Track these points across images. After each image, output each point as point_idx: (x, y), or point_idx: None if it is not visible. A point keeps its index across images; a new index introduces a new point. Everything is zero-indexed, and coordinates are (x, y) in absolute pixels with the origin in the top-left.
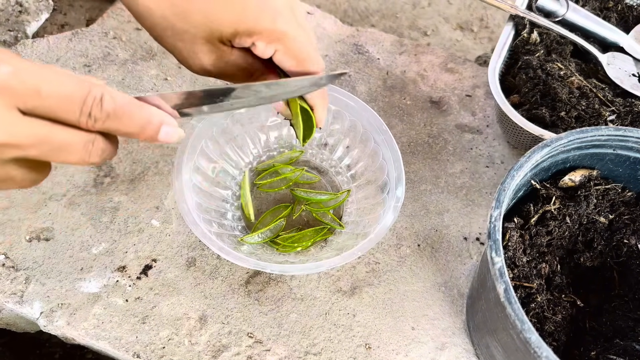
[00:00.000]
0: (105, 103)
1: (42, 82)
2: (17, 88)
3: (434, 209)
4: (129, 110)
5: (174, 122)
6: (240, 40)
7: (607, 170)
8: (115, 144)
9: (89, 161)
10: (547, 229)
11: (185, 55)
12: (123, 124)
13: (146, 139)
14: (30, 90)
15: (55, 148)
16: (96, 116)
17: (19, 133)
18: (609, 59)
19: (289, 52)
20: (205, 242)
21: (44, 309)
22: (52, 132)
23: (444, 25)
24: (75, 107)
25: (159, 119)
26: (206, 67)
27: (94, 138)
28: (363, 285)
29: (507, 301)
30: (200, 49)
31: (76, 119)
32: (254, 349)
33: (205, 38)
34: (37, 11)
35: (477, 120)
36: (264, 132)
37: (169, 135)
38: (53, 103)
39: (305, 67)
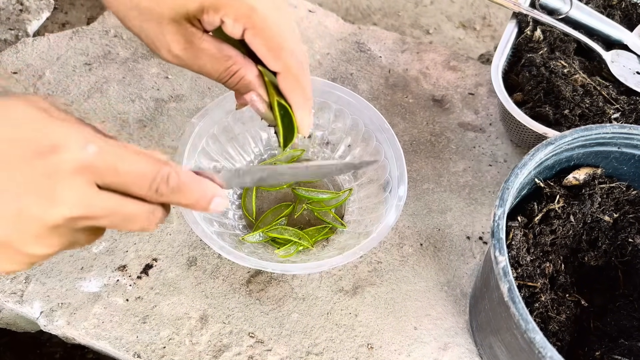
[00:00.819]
0: (171, 180)
1: (120, 161)
2: (100, 167)
3: (437, 207)
4: (189, 185)
5: (225, 194)
6: (208, 17)
7: (612, 168)
8: (168, 210)
9: (147, 229)
10: (551, 228)
11: (153, 38)
12: (183, 197)
13: (198, 210)
14: (110, 168)
15: (123, 219)
16: (162, 192)
17: (95, 206)
18: (613, 57)
19: (259, 33)
20: (206, 241)
21: (44, 308)
22: (123, 205)
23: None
24: (146, 183)
25: (212, 192)
26: (175, 52)
27: (154, 208)
28: (365, 284)
29: (511, 301)
30: (168, 29)
31: (145, 193)
32: (255, 348)
33: (172, 18)
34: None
35: (480, 118)
36: (265, 131)
37: (219, 206)
38: (128, 180)
39: (277, 53)
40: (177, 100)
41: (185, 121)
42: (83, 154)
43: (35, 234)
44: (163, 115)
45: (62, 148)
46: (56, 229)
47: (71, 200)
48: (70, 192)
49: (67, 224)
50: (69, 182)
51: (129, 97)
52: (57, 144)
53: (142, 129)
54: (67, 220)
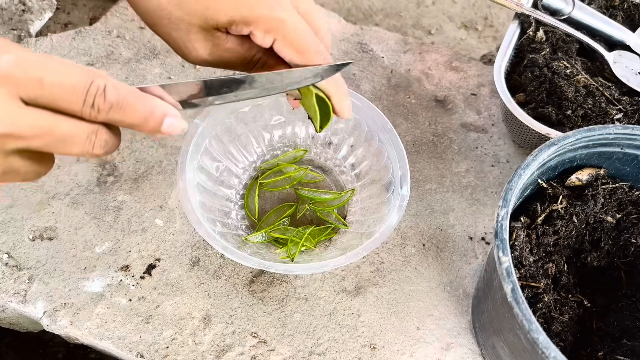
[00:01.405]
0: (109, 93)
1: (44, 72)
2: (19, 77)
3: (439, 208)
4: (132, 101)
5: (177, 114)
6: (237, 28)
7: (615, 169)
8: (118, 136)
9: (92, 152)
10: (553, 229)
11: (181, 44)
12: (126, 115)
13: (149, 131)
14: (33, 79)
15: (58, 139)
16: (99, 107)
17: (21, 123)
18: (616, 58)
19: (287, 42)
20: (209, 241)
21: (47, 308)
22: (55, 123)
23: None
24: (78, 97)
25: (162, 110)
26: (203, 56)
27: (97, 129)
28: (368, 285)
29: (514, 301)
30: (196, 37)
31: (79, 109)
32: (258, 348)
33: (201, 26)
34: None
35: (483, 119)
36: (267, 131)
37: (173, 127)
38: (55, 93)
39: (306, 58)
40: None
41: (187, 121)
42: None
43: None
44: None
45: None
46: None
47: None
48: None
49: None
50: None
51: None
52: None
53: None
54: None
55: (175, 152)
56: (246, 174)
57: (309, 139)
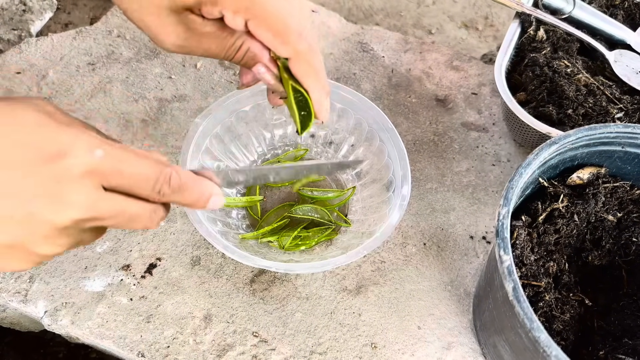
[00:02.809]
0: (173, 181)
1: (125, 164)
2: (105, 170)
3: (440, 207)
4: (190, 185)
5: (220, 192)
6: (207, 9)
7: (616, 167)
8: (169, 209)
9: (150, 227)
10: (555, 227)
11: (154, 30)
12: (183, 197)
13: (197, 208)
14: (115, 171)
15: (127, 219)
16: (164, 192)
17: (101, 208)
18: (616, 57)
19: (262, 23)
20: (209, 240)
21: (48, 307)
22: (128, 206)
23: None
24: (149, 185)
25: (210, 191)
26: (178, 42)
27: (156, 208)
28: (369, 284)
29: (515, 300)
30: (168, 20)
31: (148, 194)
32: (259, 348)
33: (170, 8)
34: (41, 10)
35: (483, 118)
36: (268, 130)
37: (216, 204)
38: (132, 182)
39: (286, 41)
40: (180, 100)
41: (188, 121)
42: (90, 159)
43: (45, 235)
44: (166, 115)
45: (69, 153)
46: (65, 230)
47: (79, 203)
48: (79, 195)
49: (75, 225)
50: (77, 185)
51: (133, 97)
52: (65, 149)
53: (146, 128)
54: (76, 222)
55: (176, 151)
56: None
57: (310, 138)
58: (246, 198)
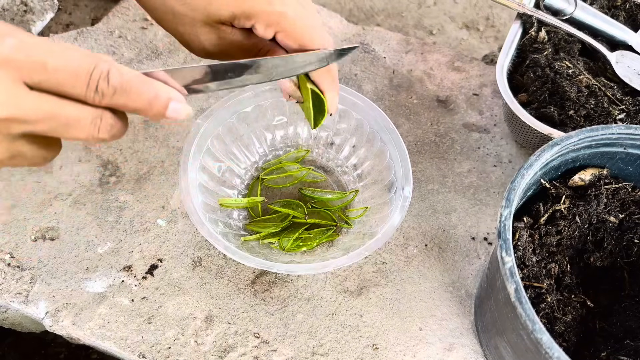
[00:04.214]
0: (112, 77)
1: (47, 56)
2: (23, 61)
3: (441, 208)
4: (136, 85)
5: (182, 99)
6: (239, 22)
7: (618, 169)
8: (124, 121)
9: (97, 137)
10: (556, 229)
11: (186, 38)
12: (130, 99)
13: (154, 116)
14: (36, 63)
15: (63, 123)
16: (103, 91)
17: (26, 107)
18: (618, 58)
19: (289, 34)
20: (211, 241)
21: (50, 308)
22: (60, 107)
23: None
24: (82, 81)
25: (167, 94)
26: (208, 48)
27: (101, 113)
28: (370, 285)
29: (517, 301)
30: (201, 31)
31: (83, 93)
32: (260, 349)
33: (204, 21)
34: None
35: (485, 119)
36: (270, 131)
37: (177, 112)
38: (59, 77)
39: (309, 48)
40: None
41: (190, 122)
42: (1, 48)
43: None
44: None
45: None
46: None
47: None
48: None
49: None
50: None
51: None
52: None
53: (147, 129)
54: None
55: (177, 152)
56: (248, 174)
57: (311, 139)
58: (247, 199)
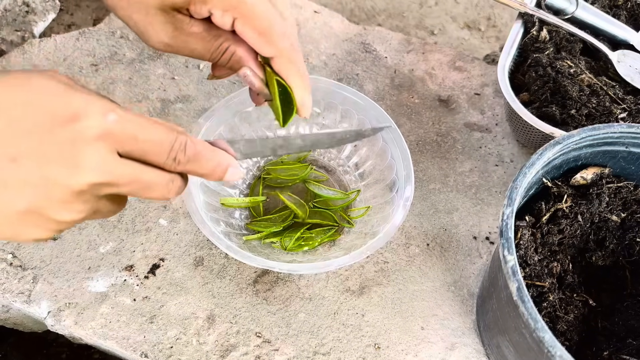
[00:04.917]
0: (188, 149)
1: (139, 129)
2: (119, 134)
3: (443, 208)
4: (205, 155)
5: (237, 164)
6: (195, 8)
7: (619, 168)
8: (187, 181)
9: (167, 197)
10: (558, 228)
11: (142, 28)
12: (199, 166)
13: (214, 179)
14: (130, 136)
15: (143, 186)
16: (180, 160)
17: (117, 173)
18: (619, 57)
19: (248, 21)
20: (213, 240)
21: (52, 308)
22: (143, 173)
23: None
24: (164, 151)
25: (227, 163)
26: (165, 40)
27: (174, 177)
28: (372, 284)
29: (520, 300)
30: (156, 19)
31: (163, 161)
32: (262, 348)
33: (159, 7)
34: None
35: (486, 118)
36: (271, 131)
37: (234, 176)
38: (146, 148)
39: (270, 40)
40: (183, 101)
41: (191, 122)
42: (104, 122)
43: (61, 200)
44: (169, 116)
45: (84, 116)
46: (81, 195)
47: (94, 166)
48: (93, 158)
49: (91, 190)
50: (91, 148)
51: (136, 98)
52: (79, 112)
53: None
54: (91, 186)
55: None
56: (250, 174)
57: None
58: (249, 198)
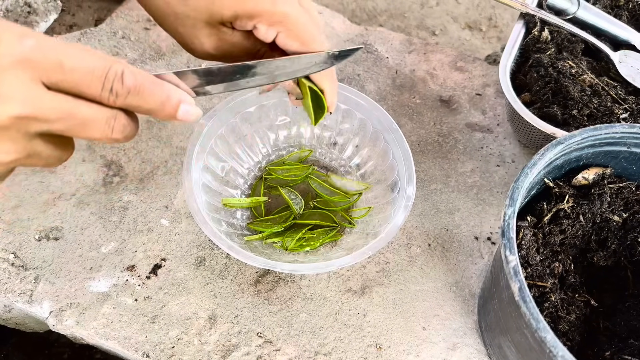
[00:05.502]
0: (126, 79)
1: (64, 56)
2: (41, 61)
3: (445, 208)
4: (149, 86)
5: (192, 101)
6: (242, 23)
7: (621, 168)
8: (136, 122)
9: (111, 137)
10: (560, 228)
11: (187, 39)
12: (143, 100)
13: (165, 117)
14: (54, 63)
15: (79, 123)
16: (117, 91)
17: (44, 106)
18: (621, 57)
19: (291, 35)
20: (214, 240)
21: (54, 308)
22: (76, 107)
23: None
24: (97, 81)
25: (178, 96)
26: (208, 50)
27: (115, 114)
28: (373, 285)
29: (521, 300)
30: (202, 32)
31: (98, 93)
32: (263, 348)
33: (206, 21)
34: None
35: (488, 119)
36: (273, 131)
37: (188, 114)
38: (76, 77)
39: (309, 49)
40: None
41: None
42: (20, 47)
43: None
44: None
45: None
46: (6, 131)
47: (15, 97)
48: (12, 87)
49: (17, 124)
50: (9, 77)
51: None
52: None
53: (150, 129)
54: (15, 119)
55: (180, 152)
56: (251, 174)
57: (314, 139)
58: (251, 199)
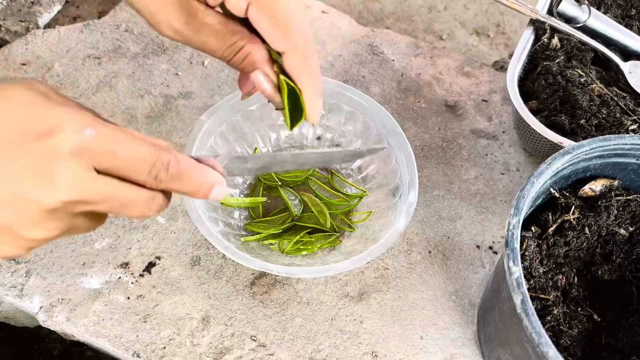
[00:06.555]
0: (171, 167)
1: (118, 146)
2: (96, 151)
3: (447, 215)
4: (189, 173)
5: (224, 182)
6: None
7: (629, 180)
8: (169, 198)
9: (147, 215)
10: (565, 240)
11: (152, 10)
12: (182, 185)
13: (197, 197)
14: (108, 153)
15: (121, 204)
16: (161, 178)
17: (93, 191)
18: (631, 68)
19: (263, 8)
20: (210, 240)
21: (44, 303)
22: (121, 190)
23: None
24: (144, 169)
25: (213, 180)
26: (176, 26)
27: (154, 195)
28: (371, 291)
29: (524, 313)
30: (169, 2)
31: (143, 179)
32: (257, 352)
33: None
34: (49, 3)
35: (493, 125)
36: (274, 131)
37: (219, 195)
38: (126, 165)
39: (285, 34)
40: (186, 97)
41: (193, 118)
42: (80, 137)
43: (33, 217)
44: (172, 112)
45: (59, 130)
46: (54, 213)
47: (68, 184)
48: (67, 175)
49: (65, 207)
50: (65, 165)
51: (138, 93)
52: (54, 127)
53: (150, 125)
54: (65, 203)
55: (179, 148)
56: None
57: (316, 140)
58: (249, 199)
